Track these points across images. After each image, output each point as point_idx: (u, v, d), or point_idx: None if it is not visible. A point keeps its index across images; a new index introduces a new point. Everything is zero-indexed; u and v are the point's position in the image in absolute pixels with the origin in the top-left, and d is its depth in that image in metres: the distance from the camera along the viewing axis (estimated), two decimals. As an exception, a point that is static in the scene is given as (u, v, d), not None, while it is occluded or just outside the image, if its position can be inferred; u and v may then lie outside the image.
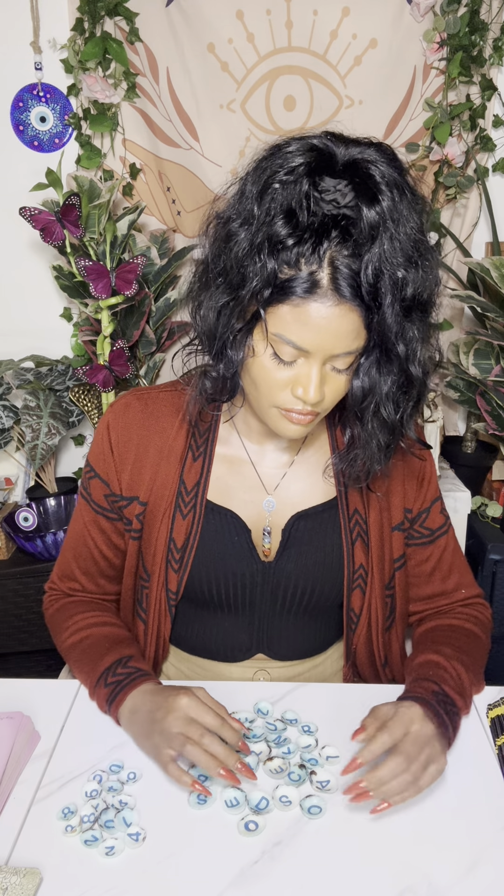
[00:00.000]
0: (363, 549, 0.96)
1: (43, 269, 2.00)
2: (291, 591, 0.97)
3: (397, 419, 0.83)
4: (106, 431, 0.96)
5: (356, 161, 0.72)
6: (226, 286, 0.79)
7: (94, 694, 0.90)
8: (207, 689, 0.93)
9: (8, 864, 0.71)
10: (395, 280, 0.73)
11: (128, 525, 0.98)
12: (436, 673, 0.88)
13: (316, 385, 0.78)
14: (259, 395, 0.83)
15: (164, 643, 1.00)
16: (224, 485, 0.96)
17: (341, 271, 0.72)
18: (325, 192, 0.71)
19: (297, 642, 1.02)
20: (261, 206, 0.73)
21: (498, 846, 0.74)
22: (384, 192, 0.71)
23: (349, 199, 0.71)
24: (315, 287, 0.72)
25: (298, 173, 0.72)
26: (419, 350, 0.80)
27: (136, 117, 1.90)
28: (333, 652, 1.07)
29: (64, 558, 1.03)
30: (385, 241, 0.71)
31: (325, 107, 1.89)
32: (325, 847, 0.73)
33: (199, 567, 0.95)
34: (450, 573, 1.02)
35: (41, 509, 1.98)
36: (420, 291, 0.76)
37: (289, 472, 0.97)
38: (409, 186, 0.74)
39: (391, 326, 0.75)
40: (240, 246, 0.75)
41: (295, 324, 0.74)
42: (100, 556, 1.01)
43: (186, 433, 0.95)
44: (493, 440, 2.01)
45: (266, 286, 0.74)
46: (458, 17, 1.79)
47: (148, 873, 0.70)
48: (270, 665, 1.02)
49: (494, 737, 0.87)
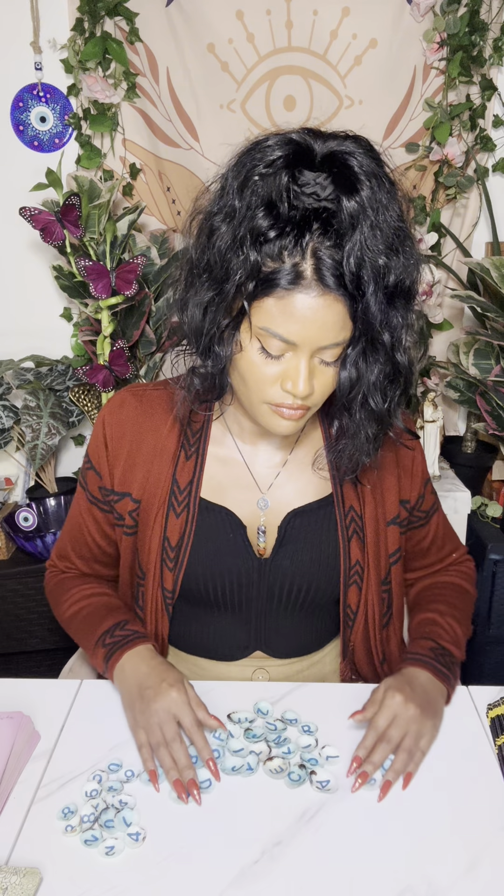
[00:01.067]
0: (359, 546, 0.97)
1: (43, 269, 2.00)
2: (287, 589, 0.97)
3: (385, 409, 0.84)
4: (101, 426, 0.98)
5: (334, 153, 0.73)
6: (210, 282, 0.79)
7: (94, 655, 0.95)
8: (207, 690, 0.94)
9: (8, 864, 0.71)
10: (377, 268, 0.74)
11: (119, 520, 0.99)
12: (432, 630, 0.97)
13: (305, 378, 0.78)
14: (248, 391, 0.83)
15: (162, 642, 1.00)
16: (218, 483, 0.96)
17: (324, 262, 0.72)
18: (305, 185, 0.72)
19: (295, 639, 1.02)
20: (241, 200, 0.74)
21: (498, 846, 0.74)
22: (363, 182, 0.72)
23: (329, 192, 0.72)
24: (299, 278, 0.73)
25: (277, 166, 0.73)
26: (404, 338, 0.80)
27: (136, 117, 1.90)
28: (332, 649, 1.07)
29: (62, 540, 1.07)
30: (366, 230, 0.72)
31: (325, 107, 1.89)
32: (325, 847, 0.73)
33: (194, 565, 0.95)
34: (444, 544, 1.09)
35: (41, 509, 1.98)
36: (402, 278, 0.76)
37: (282, 471, 0.97)
38: (387, 176, 0.75)
39: (375, 315, 0.76)
40: (223, 240, 0.76)
41: (281, 316, 0.75)
42: (93, 543, 1.04)
43: (179, 432, 0.96)
44: (493, 440, 2.01)
45: (250, 279, 0.75)
46: (458, 17, 1.79)
47: (148, 873, 0.70)
48: (269, 663, 1.02)
49: (494, 737, 0.87)
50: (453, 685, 0.93)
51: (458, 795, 0.79)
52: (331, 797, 0.79)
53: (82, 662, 1.14)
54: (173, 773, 0.79)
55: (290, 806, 0.78)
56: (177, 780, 0.78)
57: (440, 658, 0.93)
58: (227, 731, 0.87)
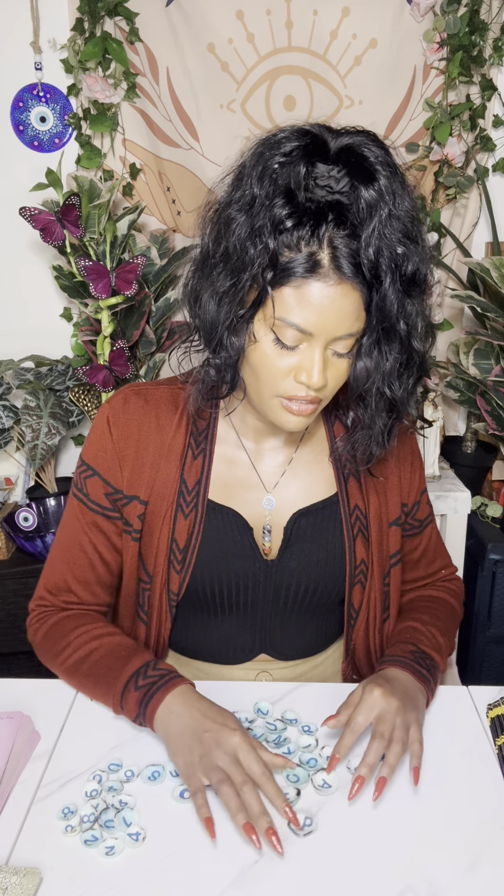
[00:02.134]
0: (364, 544, 0.97)
1: (43, 269, 2.00)
2: (294, 589, 0.97)
3: (400, 397, 0.84)
4: (106, 426, 0.94)
5: (349, 146, 0.74)
6: (227, 272, 0.79)
7: (123, 700, 0.85)
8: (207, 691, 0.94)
9: (8, 864, 0.71)
10: (396, 256, 0.75)
11: (127, 526, 0.96)
12: (413, 635, 0.96)
13: (319, 369, 0.78)
14: (260, 385, 0.83)
15: (163, 644, 1.00)
16: (224, 484, 0.95)
17: (341, 250, 0.73)
18: (319, 177, 0.73)
19: (300, 641, 1.02)
20: (260, 188, 0.75)
21: (497, 846, 0.74)
22: (379, 172, 0.74)
23: (343, 185, 0.73)
24: (317, 266, 0.73)
25: (294, 156, 0.74)
26: (420, 325, 0.81)
27: (136, 117, 1.90)
28: (334, 651, 1.07)
29: (54, 570, 0.98)
30: (384, 219, 0.73)
31: (325, 107, 1.89)
32: (325, 847, 0.73)
33: (201, 567, 0.94)
34: (434, 558, 1.08)
35: (41, 509, 1.98)
36: (420, 267, 0.78)
37: (288, 470, 0.97)
38: (401, 175, 0.77)
39: (393, 303, 0.76)
40: (241, 229, 0.76)
41: (298, 305, 0.75)
42: (98, 560, 0.97)
43: (186, 431, 0.94)
44: (493, 440, 2.01)
45: (268, 267, 0.75)
46: (458, 17, 1.79)
47: (148, 873, 0.70)
48: (272, 666, 1.02)
49: (494, 737, 0.87)
50: (433, 690, 0.91)
51: (459, 795, 0.79)
52: (331, 797, 0.79)
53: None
54: (241, 815, 0.71)
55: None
56: (247, 824, 0.71)
57: (420, 661, 0.91)
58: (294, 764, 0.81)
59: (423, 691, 0.88)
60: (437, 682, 0.92)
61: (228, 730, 0.77)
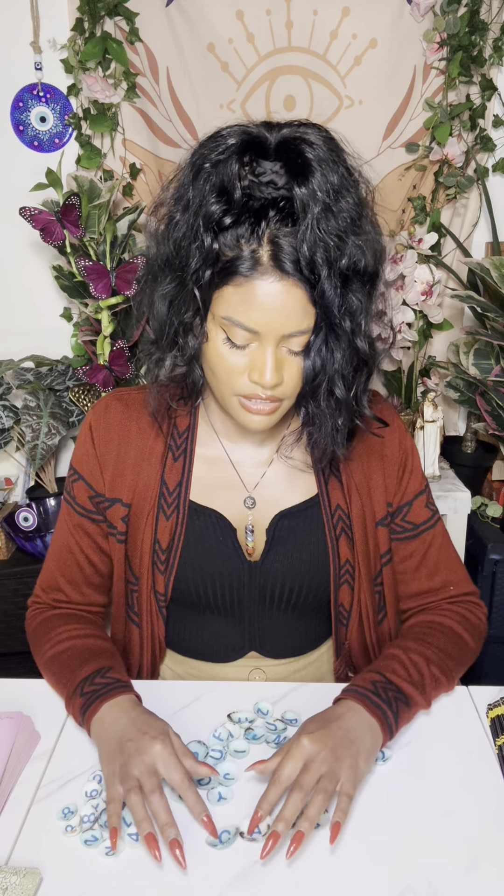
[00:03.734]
0: (348, 545, 0.96)
1: (43, 269, 2.00)
2: (279, 590, 0.97)
3: (350, 397, 0.83)
4: (88, 432, 0.96)
5: (286, 140, 0.74)
6: (171, 274, 0.80)
7: (70, 704, 0.86)
8: (208, 690, 0.94)
9: (8, 864, 0.71)
10: (329, 250, 0.73)
11: (111, 529, 0.97)
12: (386, 665, 0.87)
13: (272, 368, 0.78)
14: (219, 383, 0.83)
15: (160, 645, 1.00)
16: (206, 485, 0.96)
17: (281, 248, 0.72)
18: (262, 174, 0.73)
19: (289, 640, 1.02)
20: (195, 188, 0.75)
21: (497, 846, 0.74)
22: (314, 168, 0.73)
23: (285, 181, 0.72)
24: (256, 264, 0.73)
25: (229, 152, 0.73)
26: (364, 323, 0.80)
27: (136, 117, 1.90)
28: (328, 649, 1.07)
29: (47, 569, 1.01)
30: (318, 215, 0.72)
31: (325, 107, 1.89)
32: (325, 847, 0.73)
33: (185, 568, 0.95)
34: (437, 570, 1.00)
35: (41, 509, 1.98)
36: (356, 260, 0.76)
37: (268, 470, 0.97)
38: (343, 162, 0.76)
39: (332, 299, 0.75)
40: (179, 230, 0.77)
41: (241, 304, 0.75)
42: (85, 561, 0.99)
43: (166, 433, 0.95)
44: (493, 440, 2.01)
45: (207, 266, 0.75)
46: (458, 17, 1.79)
47: (148, 873, 0.70)
48: (264, 663, 1.02)
49: (494, 737, 0.87)
50: (392, 725, 0.81)
51: (458, 795, 0.79)
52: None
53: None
54: (146, 825, 0.70)
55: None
56: (149, 835, 0.69)
57: (381, 692, 0.82)
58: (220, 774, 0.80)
59: (373, 728, 0.79)
60: (400, 715, 0.82)
61: (149, 738, 0.75)
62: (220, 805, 0.78)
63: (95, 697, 0.83)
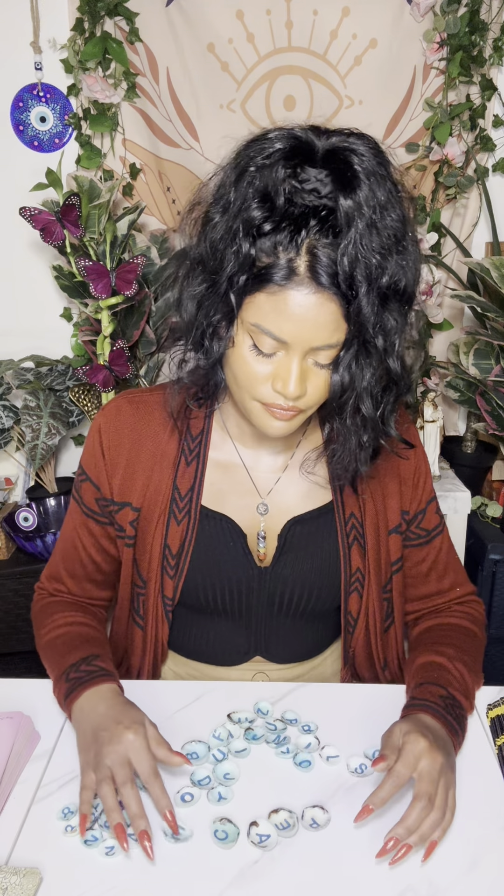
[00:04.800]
0: (360, 553, 0.96)
1: (43, 269, 2.00)
2: (288, 597, 0.96)
3: (377, 416, 0.82)
4: (97, 435, 0.95)
5: (335, 149, 0.72)
6: (204, 274, 0.78)
7: (56, 689, 0.88)
8: (208, 690, 0.94)
9: (8, 864, 0.71)
10: (370, 267, 0.72)
11: (120, 532, 0.96)
12: (441, 675, 0.87)
13: (296, 379, 0.76)
14: (240, 389, 0.82)
15: (162, 648, 1.00)
16: (218, 490, 0.95)
17: (319, 259, 0.71)
18: (306, 181, 0.71)
19: (295, 645, 1.02)
20: (237, 191, 0.73)
21: (498, 846, 0.74)
22: (361, 181, 0.71)
23: (330, 190, 0.71)
24: (292, 274, 0.71)
25: (275, 158, 0.72)
26: (398, 343, 0.78)
27: (136, 117, 1.90)
28: (331, 654, 1.07)
29: (53, 559, 1.02)
30: (361, 230, 0.70)
31: (325, 107, 1.89)
32: (325, 847, 0.73)
33: (194, 573, 0.94)
34: (445, 573, 1.02)
35: (41, 509, 1.98)
36: (397, 279, 0.74)
37: (283, 476, 0.96)
38: (389, 176, 0.74)
39: (368, 316, 0.74)
40: (217, 232, 0.75)
41: (273, 313, 0.74)
42: (88, 559, 0.99)
43: (179, 437, 0.94)
44: (493, 440, 2.01)
45: (242, 272, 0.73)
46: (458, 17, 1.79)
47: (148, 873, 0.70)
48: (268, 668, 1.02)
49: (494, 737, 0.87)
50: (461, 743, 0.83)
51: (459, 795, 0.79)
52: (331, 798, 0.79)
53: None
54: (115, 815, 0.71)
55: (291, 806, 0.77)
56: (118, 825, 0.70)
57: (451, 710, 0.83)
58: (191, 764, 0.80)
59: (451, 749, 0.80)
60: (464, 733, 0.84)
61: (123, 728, 0.76)
62: (221, 805, 0.78)
63: (79, 684, 0.84)
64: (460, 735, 0.82)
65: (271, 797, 0.79)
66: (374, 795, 0.73)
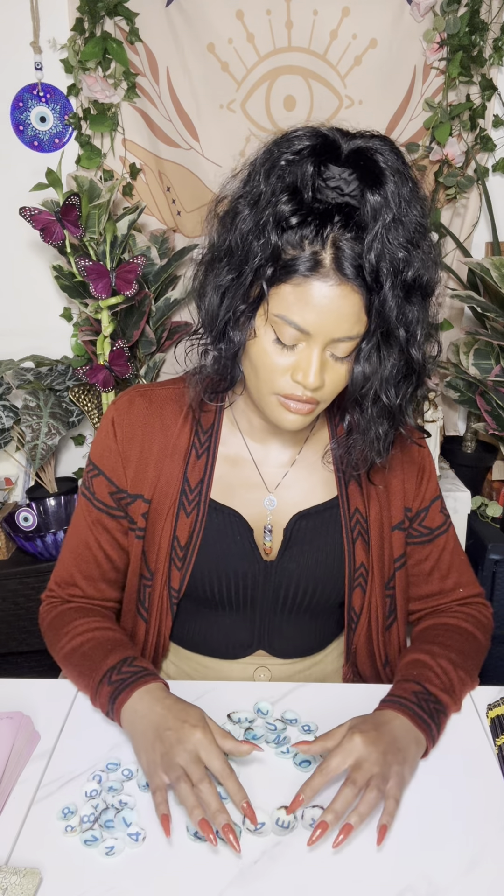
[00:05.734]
0: (364, 548, 0.97)
1: (43, 269, 2.00)
2: (293, 590, 0.97)
3: (397, 405, 0.84)
4: (111, 427, 0.96)
5: (360, 149, 0.75)
6: (230, 265, 0.80)
7: (97, 693, 0.87)
8: (208, 690, 0.94)
9: (8, 864, 0.71)
10: (397, 261, 0.74)
11: (132, 524, 0.97)
12: (420, 673, 0.89)
13: (316, 370, 0.78)
14: (258, 381, 0.83)
15: (163, 641, 1.00)
16: (226, 484, 0.96)
17: (344, 252, 0.73)
18: (330, 179, 0.73)
19: (298, 640, 1.02)
20: (267, 185, 0.76)
21: (498, 846, 0.74)
22: (388, 177, 0.73)
23: (353, 188, 0.73)
24: (318, 266, 0.74)
25: (304, 154, 0.74)
26: (419, 333, 0.81)
27: (136, 117, 1.90)
28: (333, 650, 1.07)
29: (63, 564, 1.01)
30: (388, 223, 0.73)
31: (325, 107, 1.89)
32: (325, 847, 0.73)
33: (201, 565, 0.95)
34: (449, 572, 1.02)
35: (41, 509, 1.98)
36: (420, 273, 0.77)
37: (290, 471, 0.97)
38: (410, 174, 0.77)
39: (392, 308, 0.76)
40: (245, 223, 0.77)
41: (297, 304, 0.76)
42: (103, 557, 0.99)
43: (190, 431, 0.96)
44: (493, 440, 2.01)
45: (269, 263, 0.75)
46: (458, 17, 1.79)
47: (148, 873, 0.70)
48: (270, 662, 1.02)
49: (494, 737, 0.87)
50: (435, 737, 0.83)
51: (459, 795, 0.79)
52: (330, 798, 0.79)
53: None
54: (198, 812, 0.72)
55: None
56: (202, 821, 0.71)
57: (423, 704, 0.84)
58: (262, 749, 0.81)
59: (419, 741, 0.81)
60: (440, 727, 0.85)
61: (189, 726, 0.76)
62: (220, 805, 0.78)
63: (125, 686, 0.84)
64: (433, 729, 0.83)
65: (271, 797, 0.79)
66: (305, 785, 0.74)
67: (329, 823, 0.71)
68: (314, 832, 0.71)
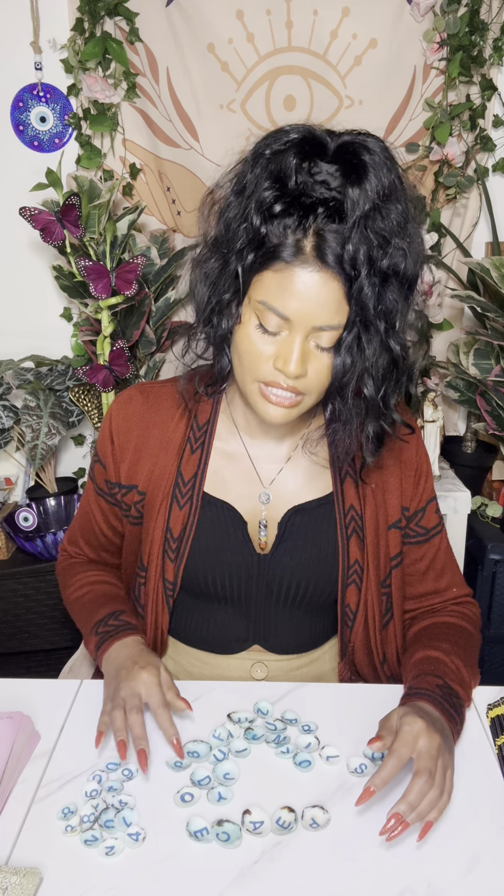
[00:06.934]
0: (358, 545, 0.97)
1: (43, 269, 2.00)
2: (287, 585, 0.97)
3: (378, 398, 0.84)
4: (109, 423, 1.00)
5: (346, 144, 0.77)
6: (217, 253, 0.83)
7: (88, 642, 0.98)
8: (208, 690, 0.94)
9: (8, 864, 0.71)
10: (373, 249, 0.76)
11: (126, 510, 1.02)
12: (437, 667, 0.89)
13: (297, 358, 0.80)
14: (243, 368, 0.85)
15: (162, 636, 1.01)
16: (221, 478, 0.97)
17: (326, 240, 0.75)
18: (317, 174, 0.75)
19: (293, 636, 1.02)
20: (252, 173, 0.78)
21: (498, 846, 0.74)
22: (370, 173, 0.75)
23: (338, 183, 0.75)
24: (299, 252, 0.76)
25: (288, 145, 0.76)
26: (398, 324, 0.81)
27: (136, 117, 1.90)
28: (330, 648, 1.07)
29: (73, 527, 1.11)
30: (367, 213, 0.75)
31: (325, 107, 1.89)
32: (325, 847, 0.73)
33: (195, 558, 0.96)
34: (443, 572, 1.04)
35: (41, 509, 1.98)
36: (397, 262, 0.78)
37: (285, 466, 0.98)
38: (396, 174, 0.78)
39: (369, 296, 0.77)
40: (231, 211, 0.80)
41: (278, 290, 0.77)
42: (100, 532, 1.07)
43: (186, 425, 0.98)
44: (493, 440, 2.01)
45: (252, 248, 0.78)
46: (458, 17, 1.79)
47: (148, 873, 0.70)
48: (267, 657, 1.02)
49: (494, 737, 0.87)
50: (459, 731, 0.84)
51: (458, 795, 0.79)
52: (331, 798, 0.79)
53: (82, 662, 1.15)
54: (121, 733, 0.81)
55: (290, 806, 0.77)
56: (121, 741, 0.80)
57: (448, 698, 0.84)
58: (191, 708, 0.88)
59: (450, 735, 0.81)
60: (463, 721, 0.86)
61: (139, 668, 0.86)
62: (220, 805, 0.78)
63: (108, 637, 0.94)
64: (458, 723, 0.84)
65: (271, 797, 0.79)
66: (376, 776, 0.73)
67: (403, 815, 0.71)
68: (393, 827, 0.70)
